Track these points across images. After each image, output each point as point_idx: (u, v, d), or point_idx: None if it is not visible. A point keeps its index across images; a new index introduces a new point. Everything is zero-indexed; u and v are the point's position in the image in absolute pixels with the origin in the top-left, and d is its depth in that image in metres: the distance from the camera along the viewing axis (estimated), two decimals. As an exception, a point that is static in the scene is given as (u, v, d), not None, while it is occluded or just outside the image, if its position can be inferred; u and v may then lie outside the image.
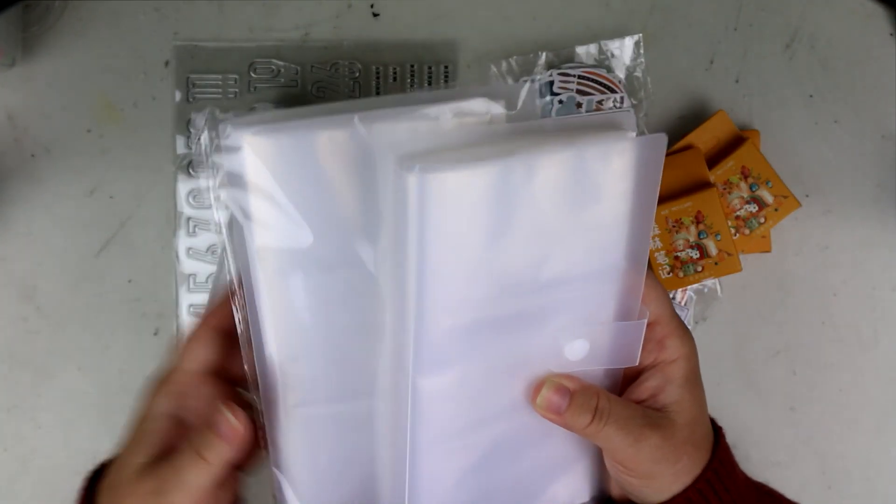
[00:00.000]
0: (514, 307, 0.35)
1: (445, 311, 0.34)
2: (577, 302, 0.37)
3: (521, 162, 0.33)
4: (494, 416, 0.38)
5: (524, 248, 0.35)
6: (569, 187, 0.34)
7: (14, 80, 0.53)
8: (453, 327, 0.35)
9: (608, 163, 0.34)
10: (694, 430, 0.38)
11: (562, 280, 0.36)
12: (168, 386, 0.37)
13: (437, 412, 0.36)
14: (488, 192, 0.33)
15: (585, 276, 0.36)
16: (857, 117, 0.55)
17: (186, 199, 0.53)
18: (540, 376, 0.37)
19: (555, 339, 0.37)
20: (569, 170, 0.34)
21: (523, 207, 0.34)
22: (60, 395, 0.52)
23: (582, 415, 0.36)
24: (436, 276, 0.33)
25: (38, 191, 0.53)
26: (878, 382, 0.55)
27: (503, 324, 0.36)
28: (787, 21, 0.55)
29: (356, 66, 0.54)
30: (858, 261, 0.55)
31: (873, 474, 0.54)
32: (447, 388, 0.36)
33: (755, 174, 0.52)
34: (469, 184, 0.32)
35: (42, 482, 0.52)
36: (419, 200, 0.32)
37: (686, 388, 0.38)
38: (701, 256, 0.52)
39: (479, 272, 0.34)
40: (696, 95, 0.55)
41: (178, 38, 0.54)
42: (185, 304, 0.53)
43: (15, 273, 0.52)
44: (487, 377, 0.36)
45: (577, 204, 0.35)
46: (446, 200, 0.32)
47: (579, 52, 0.54)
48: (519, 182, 0.33)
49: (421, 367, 0.35)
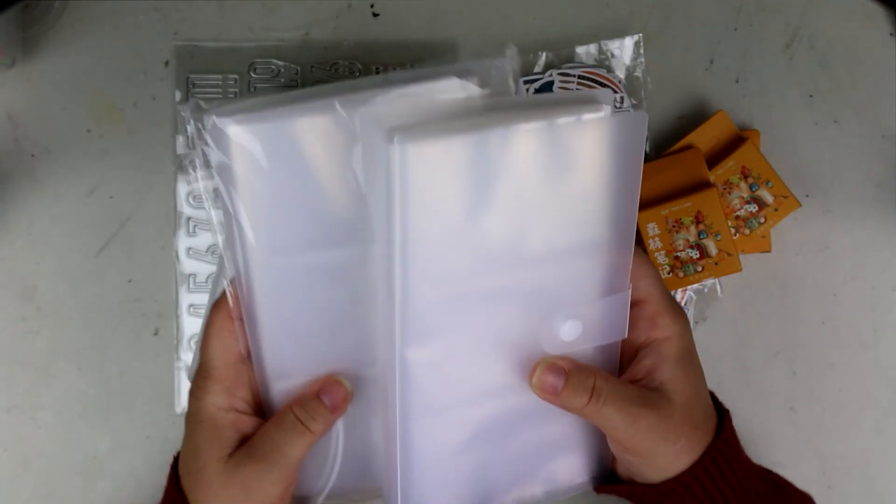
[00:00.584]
0: (499, 282, 0.36)
1: (429, 282, 0.35)
2: (563, 278, 0.37)
3: (498, 133, 0.33)
4: (487, 393, 0.38)
5: (506, 221, 0.35)
6: (546, 159, 0.35)
7: (14, 80, 0.53)
8: (438, 299, 0.35)
9: (583, 135, 0.35)
10: (691, 408, 0.38)
11: (546, 255, 0.36)
12: (214, 383, 0.37)
13: (425, 384, 0.36)
14: (467, 162, 0.34)
15: (569, 251, 0.36)
16: (857, 117, 0.55)
17: (186, 199, 0.53)
18: (532, 355, 0.37)
19: (545, 317, 0.37)
20: (545, 141, 0.34)
21: (502, 179, 0.34)
22: (60, 395, 0.52)
23: (578, 395, 0.36)
24: (418, 245, 0.34)
25: (38, 191, 0.53)
26: (878, 382, 0.55)
27: (490, 299, 0.36)
28: (787, 21, 0.55)
29: (356, 66, 0.54)
30: (858, 261, 0.55)
31: (873, 474, 0.54)
32: (434, 359, 0.36)
33: (755, 174, 0.52)
34: (448, 154, 0.33)
35: (42, 482, 0.52)
36: (400, 170, 0.33)
37: (679, 366, 0.38)
38: (701, 256, 0.52)
39: (461, 244, 0.35)
40: (696, 95, 0.55)
41: (178, 38, 0.54)
42: (185, 304, 0.53)
43: (15, 273, 0.52)
44: (477, 352, 0.37)
45: (555, 177, 0.35)
46: (426, 170, 0.33)
47: (579, 52, 0.54)
48: (497, 153, 0.34)
49: (407, 338, 0.35)
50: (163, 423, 0.52)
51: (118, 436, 0.52)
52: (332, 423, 0.38)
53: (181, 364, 0.53)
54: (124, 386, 0.52)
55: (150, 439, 0.52)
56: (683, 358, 0.38)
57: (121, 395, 0.52)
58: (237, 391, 0.38)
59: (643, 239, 0.52)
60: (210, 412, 0.37)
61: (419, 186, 0.33)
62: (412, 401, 0.37)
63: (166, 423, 0.52)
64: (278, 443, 0.36)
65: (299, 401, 0.37)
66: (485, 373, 0.37)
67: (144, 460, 0.52)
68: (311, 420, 0.36)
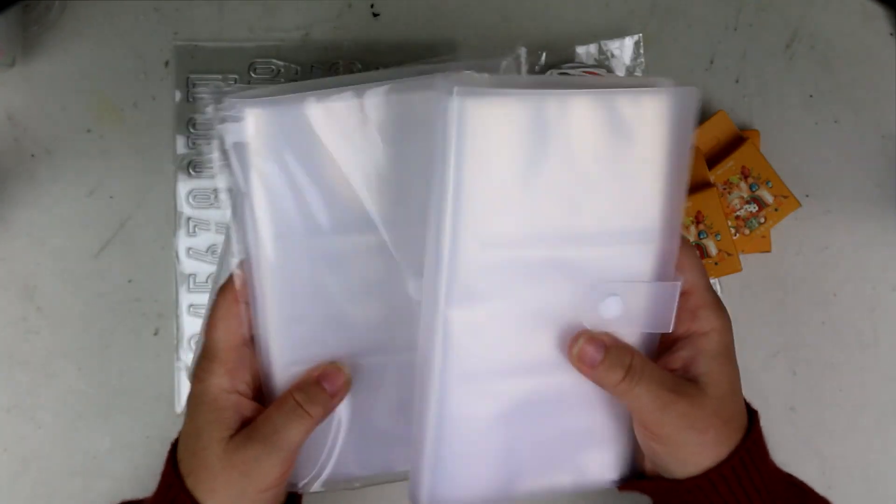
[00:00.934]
0: (547, 252, 0.36)
1: (479, 243, 0.35)
2: (611, 259, 0.37)
3: (558, 98, 0.34)
4: (526, 367, 0.38)
5: (559, 191, 0.35)
6: (602, 132, 0.35)
7: (14, 80, 0.53)
8: (486, 261, 0.35)
9: (640, 110, 0.35)
10: (724, 403, 0.38)
11: (597, 232, 0.36)
12: (218, 365, 0.38)
13: (465, 347, 0.37)
14: (525, 124, 0.34)
15: (620, 232, 0.36)
16: (857, 117, 0.55)
17: (186, 199, 0.53)
18: (574, 330, 0.37)
19: (589, 293, 0.37)
20: (602, 113, 0.35)
21: (559, 147, 0.35)
22: (60, 395, 0.52)
23: (615, 370, 0.37)
24: (471, 203, 0.34)
25: (38, 191, 0.53)
26: (878, 382, 0.55)
27: (537, 268, 0.36)
28: (787, 21, 0.55)
29: (356, 66, 0.54)
30: (858, 261, 0.55)
31: (873, 474, 0.54)
32: (477, 323, 0.36)
33: (755, 174, 0.52)
34: (506, 113, 0.34)
35: (42, 482, 0.52)
36: (458, 124, 0.33)
37: (718, 362, 0.38)
38: (701, 256, 0.52)
39: (514, 208, 0.35)
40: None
41: (178, 38, 0.54)
42: (185, 304, 0.53)
43: (15, 273, 0.52)
44: (519, 321, 0.37)
45: (611, 151, 0.35)
46: (483, 127, 0.33)
47: (579, 52, 0.54)
48: (555, 119, 0.34)
49: (452, 298, 0.35)
50: (163, 423, 0.52)
51: (118, 436, 0.52)
52: (332, 408, 0.38)
53: (181, 364, 0.53)
54: (124, 386, 0.52)
55: (150, 439, 0.52)
56: (722, 354, 0.38)
57: (121, 395, 0.52)
58: (240, 374, 0.38)
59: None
60: (213, 393, 0.38)
61: (476, 143, 0.33)
62: (451, 364, 0.37)
63: (166, 423, 0.52)
64: (278, 426, 0.36)
65: (300, 385, 0.38)
66: (525, 344, 0.37)
67: (144, 460, 0.52)
68: (310, 405, 0.37)
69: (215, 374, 0.38)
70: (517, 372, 0.38)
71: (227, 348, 0.38)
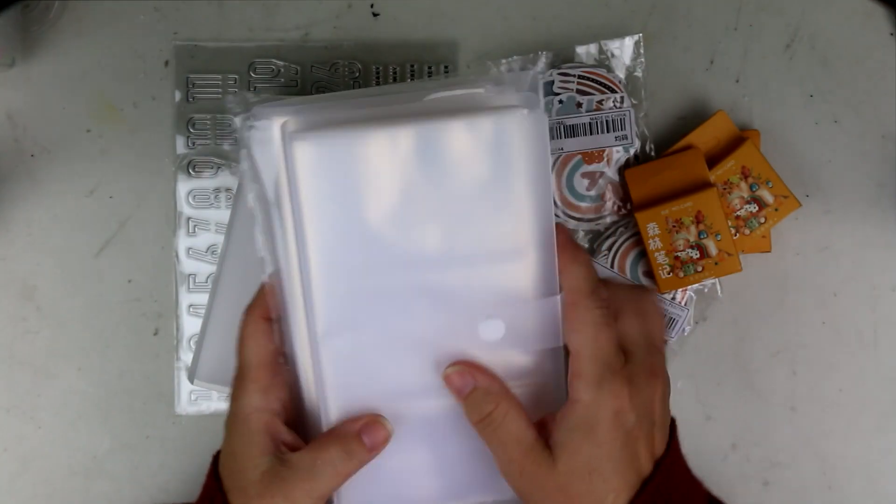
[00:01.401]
0: (418, 278, 0.36)
1: (336, 275, 0.36)
2: (486, 281, 0.37)
3: (405, 130, 0.34)
4: (410, 393, 0.38)
5: (419, 220, 0.35)
6: (455, 156, 0.35)
7: (14, 80, 0.53)
8: (354, 291, 0.36)
9: (487, 131, 0.35)
10: (572, 480, 0.36)
11: (466, 256, 0.36)
12: (252, 384, 0.38)
13: (346, 374, 0.37)
14: (368, 158, 0.34)
15: (490, 253, 0.36)
16: (857, 117, 0.55)
17: (186, 199, 0.53)
18: (457, 354, 0.37)
19: (467, 318, 0.37)
20: (453, 138, 0.35)
21: (411, 177, 0.35)
22: (60, 395, 0.52)
23: (472, 412, 0.37)
24: (320, 238, 0.35)
25: (38, 191, 0.53)
26: (878, 382, 0.55)
27: (410, 295, 0.36)
28: (787, 21, 0.55)
29: (356, 66, 0.54)
30: (858, 261, 0.55)
31: (873, 474, 0.54)
32: (355, 351, 0.37)
33: (755, 174, 0.52)
34: (340, 150, 0.34)
35: (42, 482, 0.52)
36: (295, 164, 0.34)
37: (573, 437, 0.36)
38: (701, 256, 0.52)
39: (373, 239, 0.35)
40: (696, 95, 0.55)
41: (178, 38, 0.54)
42: (185, 304, 0.53)
43: (15, 273, 0.52)
44: (399, 347, 0.37)
45: (467, 174, 0.35)
46: (320, 165, 0.34)
47: (579, 52, 0.54)
48: (401, 149, 0.34)
49: (320, 327, 0.36)
50: (163, 423, 0.52)
51: (118, 436, 0.52)
52: (367, 462, 0.37)
53: (181, 364, 0.53)
54: (124, 386, 0.52)
55: (150, 439, 0.52)
56: (582, 429, 0.36)
57: (121, 395, 0.52)
58: (273, 391, 0.38)
59: (644, 239, 0.52)
60: (245, 413, 0.37)
61: (314, 181, 0.34)
62: (331, 392, 0.37)
63: (166, 423, 0.52)
64: (312, 475, 0.36)
65: (340, 438, 0.37)
66: (409, 370, 0.37)
67: (144, 460, 0.52)
68: (347, 460, 0.37)
69: (247, 392, 0.38)
70: (402, 398, 0.38)
71: (257, 365, 0.38)
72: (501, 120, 0.35)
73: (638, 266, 0.53)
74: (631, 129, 0.53)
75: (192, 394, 0.53)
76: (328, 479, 0.36)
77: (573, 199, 0.53)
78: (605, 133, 0.53)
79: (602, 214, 0.54)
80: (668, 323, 0.53)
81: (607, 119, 0.53)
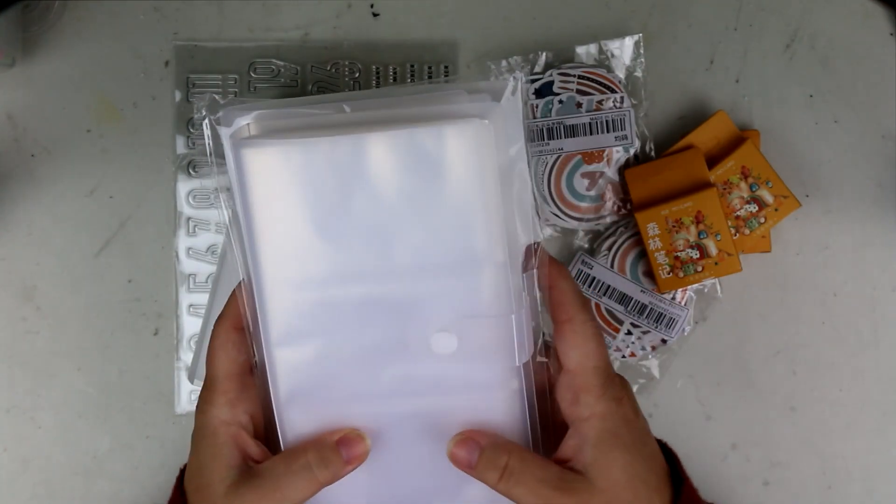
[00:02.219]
0: (366, 290, 0.36)
1: (289, 284, 0.36)
2: (437, 293, 0.36)
3: (342, 140, 0.34)
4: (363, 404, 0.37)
5: (366, 230, 0.35)
6: (401, 167, 0.35)
7: (14, 80, 0.53)
8: (302, 302, 0.36)
9: (438, 141, 0.35)
10: (617, 494, 0.35)
11: (414, 269, 0.36)
12: (218, 396, 0.37)
13: (298, 384, 0.37)
14: (311, 168, 0.34)
15: (439, 266, 0.36)
16: (857, 117, 0.55)
17: (186, 199, 0.53)
18: (412, 372, 0.37)
19: (422, 331, 0.36)
20: (399, 149, 0.35)
21: (358, 187, 0.35)
22: (60, 395, 0.52)
23: (490, 472, 0.35)
24: (269, 248, 0.35)
25: (38, 191, 0.53)
26: (878, 382, 0.55)
27: (359, 307, 0.36)
28: (787, 21, 0.55)
29: (356, 66, 0.54)
30: (858, 261, 0.55)
31: (873, 474, 0.54)
32: (302, 361, 0.36)
33: (755, 174, 0.52)
34: (289, 159, 0.34)
35: (42, 482, 0.52)
36: (243, 173, 0.34)
37: (602, 449, 0.35)
38: (701, 256, 0.52)
39: (320, 250, 0.35)
40: (696, 95, 0.55)
41: (178, 38, 0.54)
42: (185, 304, 0.53)
43: (15, 273, 0.52)
44: (351, 358, 0.37)
45: (413, 185, 0.35)
46: (268, 174, 0.34)
47: (579, 52, 0.54)
48: (348, 160, 0.34)
49: (272, 338, 0.36)
50: (163, 423, 0.52)
51: (118, 436, 0.52)
52: (343, 475, 0.36)
53: (181, 364, 0.53)
54: (124, 386, 0.52)
55: (150, 439, 0.52)
56: (608, 440, 0.35)
57: (121, 395, 0.52)
58: (241, 404, 0.37)
59: (644, 239, 0.52)
60: (213, 425, 0.37)
61: (262, 190, 0.34)
62: (288, 402, 0.37)
63: (166, 423, 0.52)
64: (283, 483, 0.35)
65: (316, 445, 0.36)
66: (362, 381, 0.37)
67: (144, 460, 0.52)
68: (322, 467, 0.36)
69: (215, 404, 0.37)
70: (353, 408, 0.37)
71: (225, 377, 0.37)
72: (441, 131, 0.34)
73: (638, 266, 0.54)
74: (631, 129, 0.53)
75: (192, 394, 0.53)
76: (301, 487, 0.35)
77: (573, 199, 0.53)
78: (605, 133, 0.53)
79: (602, 214, 0.54)
80: (668, 323, 0.53)
81: (607, 119, 0.53)
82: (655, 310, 0.53)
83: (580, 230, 0.54)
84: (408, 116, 0.35)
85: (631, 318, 0.53)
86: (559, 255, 0.55)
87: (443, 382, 0.37)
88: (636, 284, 0.53)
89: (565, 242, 0.55)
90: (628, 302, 0.53)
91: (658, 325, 0.53)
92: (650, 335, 0.54)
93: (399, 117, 0.35)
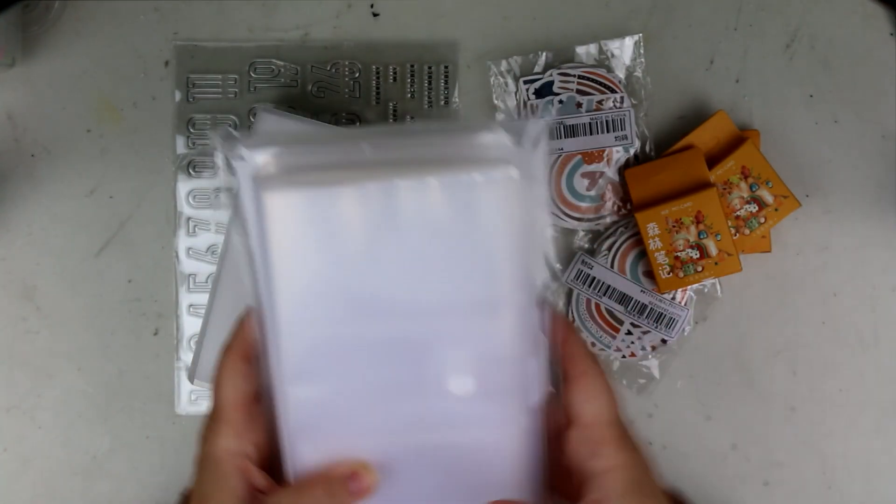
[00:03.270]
0: (386, 330, 0.36)
1: (305, 322, 0.35)
2: (458, 335, 0.36)
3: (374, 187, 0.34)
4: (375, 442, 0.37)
5: (390, 272, 0.35)
6: (428, 215, 0.35)
7: (14, 80, 0.53)
8: (318, 339, 0.36)
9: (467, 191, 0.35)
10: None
11: (438, 309, 0.36)
12: (224, 425, 0.37)
13: (310, 422, 0.37)
14: (338, 210, 0.34)
15: (463, 307, 0.36)
16: (857, 117, 0.55)
17: (186, 199, 0.53)
18: (425, 409, 0.37)
19: (440, 372, 0.36)
20: (426, 197, 0.34)
21: (383, 232, 0.35)
22: (60, 395, 0.52)
23: None
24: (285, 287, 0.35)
25: (38, 191, 0.53)
26: (878, 382, 0.55)
27: (378, 346, 0.36)
28: (787, 21, 0.55)
29: (356, 66, 0.54)
30: (858, 261, 0.55)
31: (873, 474, 0.54)
32: (317, 399, 0.36)
33: (755, 174, 0.52)
34: (316, 202, 0.34)
35: (42, 482, 0.52)
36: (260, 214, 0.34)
37: (631, 501, 0.35)
38: (701, 256, 0.52)
39: (339, 288, 0.35)
40: (696, 95, 0.55)
41: (178, 38, 0.54)
42: (185, 304, 0.53)
43: (15, 273, 0.52)
44: (364, 399, 0.37)
45: (439, 232, 0.35)
46: (289, 217, 0.34)
47: (579, 52, 0.54)
48: (374, 206, 0.34)
49: (286, 374, 0.36)
50: (163, 423, 0.52)
51: (118, 436, 0.52)
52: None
53: (181, 364, 0.53)
54: (124, 386, 0.52)
55: (150, 439, 0.52)
56: (630, 492, 0.35)
57: (121, 395, 0.52)
58: (248, 434, 0.37)
59: (644, 239, 0.52)
60: (218, 456, 0.36)
61: (282, 231, 0.34)
62: (299, 438, 0.37)
63: (166, 423, 0.52)
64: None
65: (325, 479, 0.36)
66: (370, 422, 0.37)
67: (144, 460, 0.52)
68: (329, 501, 0.36)
69: (221, 434, 0.36)
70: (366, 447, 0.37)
71: (231, 407, 0.37)
72: (471, 178, 0.34)
73: (638, 266, 0.54)
74: (631, 129, 0.53)
75: (192, 394, 0.53)
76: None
77: (573, 199, 0.53)
78: (605, 133, 0.53)
79: (602, 214, 0.54)
80: (668, 323, 0.53)
81: (607, 119, 0.53)
82: (655, 310, 0.53)
83: (580, 230, 0.54)
84: (433, 157, 0.35)
85: (631, 318, 0.53)
86: (559, 255, 0.55)
87: (457, 420, 0.37)
88: (636, 284, 0.53)
89: (565, 242, 0.55)
90: (628, 302, 0.53)
91: (658, 325, 0.53)
92: (650, 335, 0.54)
93: (423, 157, 0.35)
